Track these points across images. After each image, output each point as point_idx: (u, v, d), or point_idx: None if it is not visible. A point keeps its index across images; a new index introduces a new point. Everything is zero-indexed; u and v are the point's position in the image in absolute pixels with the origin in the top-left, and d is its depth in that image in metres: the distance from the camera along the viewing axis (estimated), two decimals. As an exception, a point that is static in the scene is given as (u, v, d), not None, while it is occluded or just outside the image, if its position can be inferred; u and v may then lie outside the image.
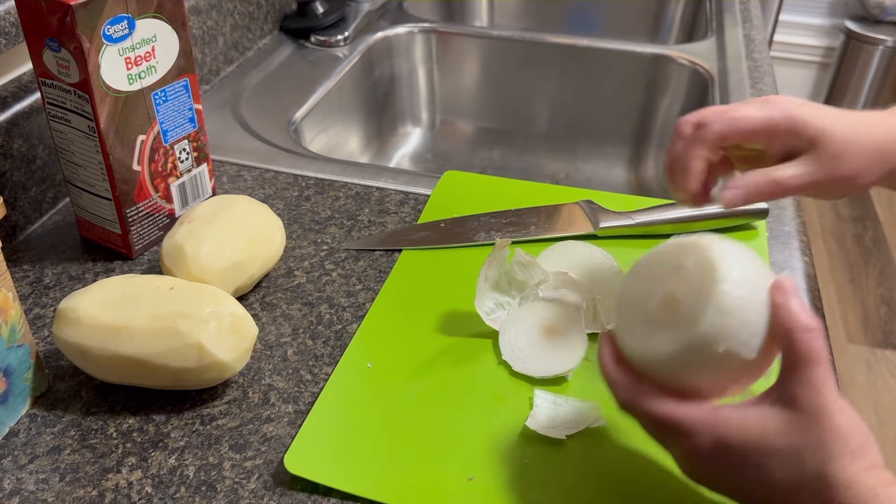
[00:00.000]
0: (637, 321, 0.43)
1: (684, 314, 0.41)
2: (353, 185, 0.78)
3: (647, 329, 0.43)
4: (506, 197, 0.75)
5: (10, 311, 0.51)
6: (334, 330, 0.60)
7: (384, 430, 0.51)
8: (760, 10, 1.22)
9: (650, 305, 0.43)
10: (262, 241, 0.62)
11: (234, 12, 0.98)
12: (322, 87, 0.99)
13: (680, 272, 0.42)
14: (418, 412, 0.53)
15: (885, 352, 1.94)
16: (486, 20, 1.45)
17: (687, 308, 0.40)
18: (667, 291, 0.42)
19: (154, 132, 0.66)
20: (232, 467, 0.50)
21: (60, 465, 0.50)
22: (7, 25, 0.66)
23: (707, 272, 0.40)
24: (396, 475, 0.48)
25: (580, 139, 1.19)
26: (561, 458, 0.50)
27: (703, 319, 0.39)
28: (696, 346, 0.40)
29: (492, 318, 0.59)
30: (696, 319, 0.40)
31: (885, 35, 2.56)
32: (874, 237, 2.35)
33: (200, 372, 0.51)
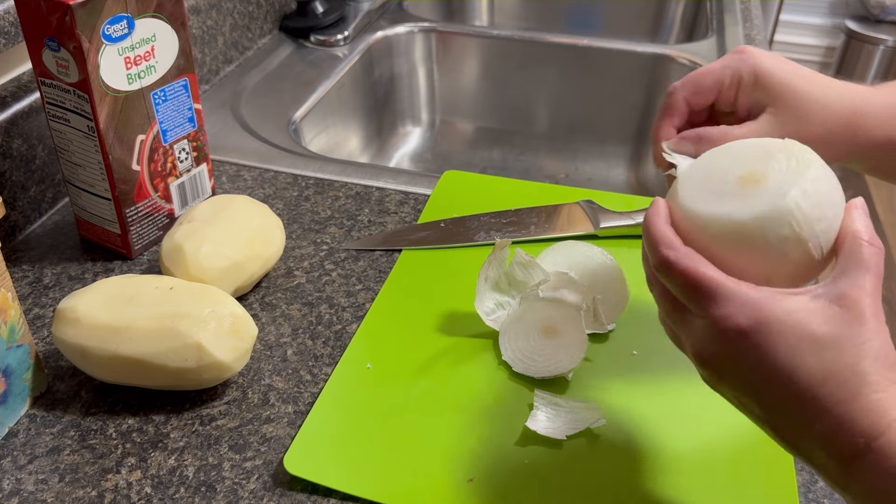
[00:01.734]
0: (708, 190, 0.42)
1: (768, 188, 0.40)
2: (353, 185, 0.78)
3: (718, 197, 0.41)
4: (506, 197, 0.75)
5: (9, 312, 0.50)
6: (334, 330, 0.60)
7: (384, 430, 0.51)
8: (761, 10, 1.22)
9: (728, 178, 0.41)
10: (262, 241, 0.62)
11: (233, 12, 0.98)
12: (322, 87, 0.99)
13: (768, 159, 0.41)
14: (418, 413, 0.53)
15: (886, 352, 1.94)
16: (486, 20, 1.45)
17: (772, 184, 0.40)
18: (751, 169, 0.41)
19: (153, 132, 0.66)
20: (231, 468, 0.50)
21: (60, 466, 0.50)
22: (6, 25, 0.66)
23: (799, 164, 0.40)
24: (396, 476, 0.48)
25: (580, 139, 1.19)
26: (561, 459, 0.49)
27: (789, 194, 0.39)
28: (772, 220, 0.39)
29: (492, 318, 0.59)
30: (782, 193, 0.39)
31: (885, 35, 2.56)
32: (874, 237, 2.34)
33: (200, 372, 0.51)
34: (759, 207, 0.39)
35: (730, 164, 0.42)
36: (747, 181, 0.41)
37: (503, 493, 0.47)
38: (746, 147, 0.42)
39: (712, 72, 0.48)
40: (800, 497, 0.47)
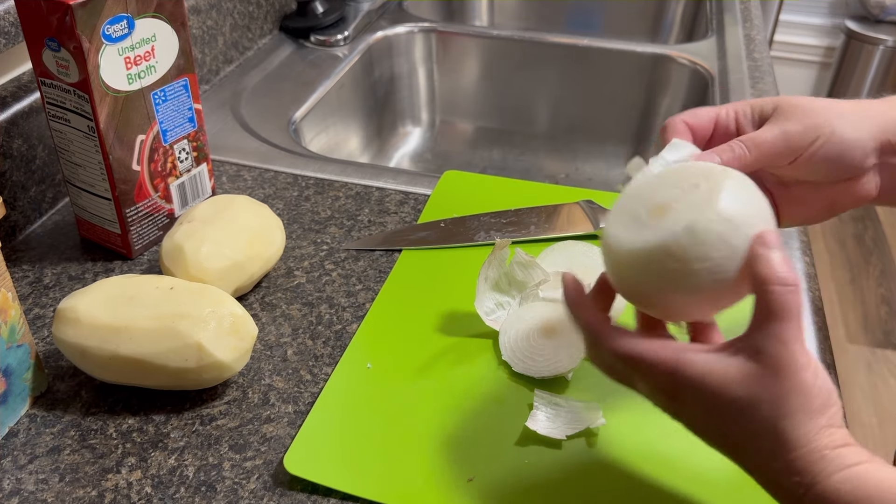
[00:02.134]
0: (628, 215, 0.43)
1: (670, 217, 0.40)
2: (353, 185, 0.78)
3: (631, 224, 0.42)
4: (506, 197, 0.75)
5: (9, 312, 0.50)
6: (334, 330, 0.60)
7: (384, 430, 0.51)
8: (761, 10, 1.22)
9: (644, 206, 0.42)
10: (262, 241, 0.62)
11: (233, 12, 0.98)
12: (322, 87, 0.99)
13: (688, 186, 0.41)
14: (418, 412, 0.53)
15: (886, 352, 1.94)
16: (486, 20, 1.45)
17: (675, 213, 0.40)
18: (665, 198, 0.42)
19: (154, 132, 0.66)
20: (232, 467, 0.50)
21: (60, 466, 0.50)
22: (7, 25, 0.66)
23: (711, 193, 0.40)
24: (396, 475, 0.48)
25: (580, 139, 1.19)
26: (561, 459, 0.49)
27: (682, 224, 0.39)
28: (668, 248, 0.40)
29: (492, 318, 0.59)
30: (677, 222, 0.40)
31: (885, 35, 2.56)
32: (875, 237, 2.35)
33: (200, 372, 0.51)
34: (657, 237, 0.40)
35: (654, 191, 0.42)
36: (658, 209, 0.41)
37: (503, 493, 0.47)
38: (687, 171, 0.42)
39: (705, 108, 0.49)
40: (800, 497, 0.47)
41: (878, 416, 1.78)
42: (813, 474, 0.36)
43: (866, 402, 1.81)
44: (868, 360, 1.93)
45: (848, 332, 2.01)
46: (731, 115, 0.49)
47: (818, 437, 0.37)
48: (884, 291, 2.14)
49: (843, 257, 2.27)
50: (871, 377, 1.88)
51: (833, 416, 0.38)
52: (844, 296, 2.13)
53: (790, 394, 0.37)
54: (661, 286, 0.41)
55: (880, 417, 1.77)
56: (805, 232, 0.71)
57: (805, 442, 0.37)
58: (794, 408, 0.37)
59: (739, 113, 0.48)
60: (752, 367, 0.38)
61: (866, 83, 2.64)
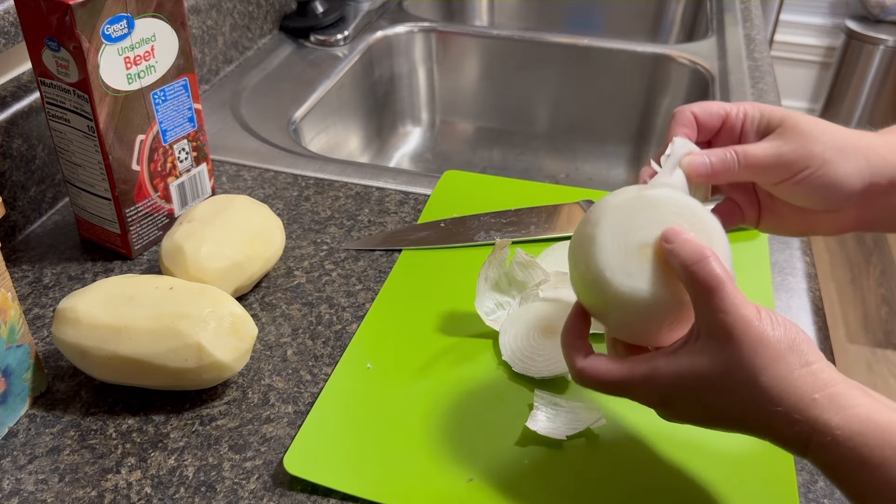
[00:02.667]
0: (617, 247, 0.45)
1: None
2: (353, 185, 0.78)
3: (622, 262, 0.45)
4: (506, 197, 0.75)
5: (9, 312, 0.50)
6: (334, 330, 0.60)
7: (384, 430, 0.51)
8: (761, 10, 1.22)
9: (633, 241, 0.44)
10: (262, 241, 0.62)
11: (233, 12, 0.98)
12: (322, 87, 0.99)
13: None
14: (418, 413, 0.53)
15: (886, 352, 1.94)
16: (486, 20, 1.45)
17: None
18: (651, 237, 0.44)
19: (153, 132, 0.66)
20: (231, 468, 0.50)
21: (60, 466, 0.50)
22: (6, 25, 0.66)
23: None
24: (396, 476, 0.48)
25: (580, 139, 1.19)
26: (561, 459, 0.49)
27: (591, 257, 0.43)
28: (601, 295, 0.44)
29: (492, 318, 0.59)
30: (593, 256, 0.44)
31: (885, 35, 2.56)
32: (875, 237, 2.35)
33: (200, 372, 0.51)
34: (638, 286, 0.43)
35: (644, 222, 0.44)
36: (644, 250, 0.43)
37: (503, 493, 0.47)
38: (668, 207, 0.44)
39: (717, 102, 0.50)
40: (800, 497, 0.47)
41: (878, 416, 1.77)
42: (811, 422, 0.37)
43: (866, 402, 1.81)
44: (868, 360, 1.93)
45: (848, 332, 2.01)
46: (740, 117, 0.49)
47: (799, 380, 0.38)
48: (884, 291, 2.14)
49: (843, 257, 2.27)
50: (871, 377, 1.87)
51: (804, 353, 0.38)
52: (844, 296, 2.13)
53: (753, 350, 0.38)
54: (625, 316, 0.44)
55: (880, 417, 1.77)
56: (805, 232, 0.70)
57: (788, 390, 0.38)
58: (763, 362, 0.38)
59: (748, 116, 0.49)
60: (710, 344, 0.40)
61: (866, 83, 2.64)
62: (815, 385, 0.38)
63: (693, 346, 0.41)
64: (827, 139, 0.46)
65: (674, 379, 0.41)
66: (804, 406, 0.37)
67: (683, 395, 0.41)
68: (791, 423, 0.38)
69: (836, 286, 2.16)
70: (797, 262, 0.66)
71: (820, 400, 0.37)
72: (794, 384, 0.38)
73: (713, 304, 0.39)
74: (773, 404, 0.38)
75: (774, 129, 0.47)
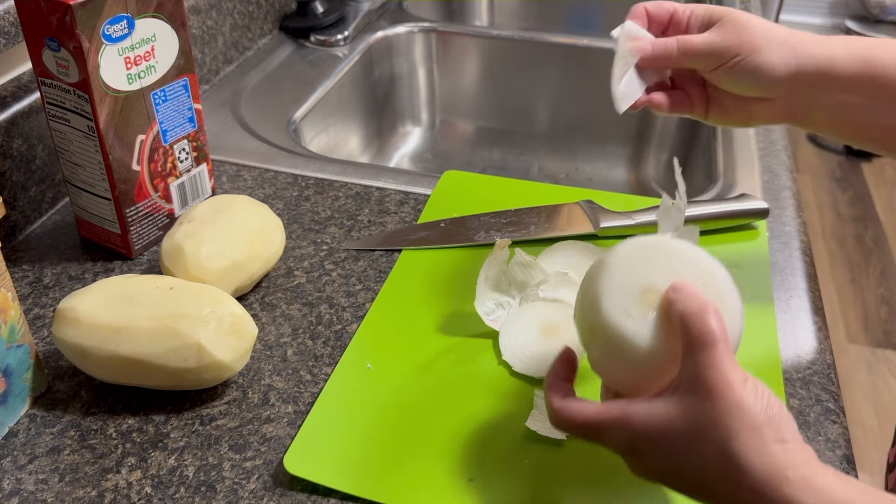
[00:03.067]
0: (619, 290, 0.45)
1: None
2: (353, 185, 0.78)
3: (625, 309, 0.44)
4: (506, 197, 0.75)
5: (9, 311, 0.50)
6: (334, 330, 0.60)
7: (384, 430, 0.51)
8: (761, 10, 1.22)
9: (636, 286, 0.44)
10: (262, 241, 0.62)
11: (233, 12, 0.98)
12: (322, 87, 0.99)
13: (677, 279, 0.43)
14: (418, 413, 0.53)
15: (886, 352, 1.94)
16: (486, 20, 1.45)
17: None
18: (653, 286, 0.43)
19: (153, 132, 0.66)
20: (231, 468, 0.50)
21: (60, 466, 0.50)
22: (7, 25, 0.66)
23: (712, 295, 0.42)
24: (396, 476, 0.48)
25: (580, 139, 1.19)
26: (561, 459, 0.49)
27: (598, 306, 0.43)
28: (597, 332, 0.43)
29: (492, 318, 0.59)
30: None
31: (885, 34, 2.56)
32: (875, 237, 2.35)
33: (200, 372, 0.51)
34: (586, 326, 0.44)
35: (657, 269, 0.43)
36: (645, 298, 0.43)
37: (503, 493, 0.47)
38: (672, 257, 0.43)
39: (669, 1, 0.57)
40: (800, 497, 0.47)
41: (878, 416, 1.78)
42: (781, 501, 0.35)
43: (866, 402, 1.81)
44: (868, 360, 1.93)
45: (848, 332, 2.01)
46: (686, 13, 0.56)
47: (773, 455, 0.36)
48: (884, 291, 2.14)
49: (843, 257, 2.27)
50: (871, 377, 1.87)
51: (782, 430, 0.37)
52: (845, 296, 2.13)
53: (729, 413, 0.37)
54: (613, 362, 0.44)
55: (880, 417, 1.77)
56: (805, 232, 0.71)
57: (759, 462, 0.36)
58: (737, 427, 0.36)
59: (694, 13, 0.56)
60: (689, 399, 0.38)
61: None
62: (789, 463, 0.36)
63: (671, 398, 0.39)
64: (758, 30, 0.52)
65: (645, 425, 0.39)
66: (776, 483, 0.36)
67: (652, 444, 0.39)
68: (760, 500, 0.36)
69: (836, 286, 2.16)
70: (797, 262, 0.66)
71: (793, 479, 0.35)
72: (768, 457, 0.36)
73: (701, 358, 0.38)
74: (742, 473, 0.36)
75: (714, 24, 0.54)
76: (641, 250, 0.44)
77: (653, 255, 0.43)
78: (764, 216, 0.69)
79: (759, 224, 0.70)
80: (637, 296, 0.42)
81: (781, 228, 0.70)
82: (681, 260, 0.43)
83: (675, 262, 0.43)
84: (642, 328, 0.42)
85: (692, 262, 0.43)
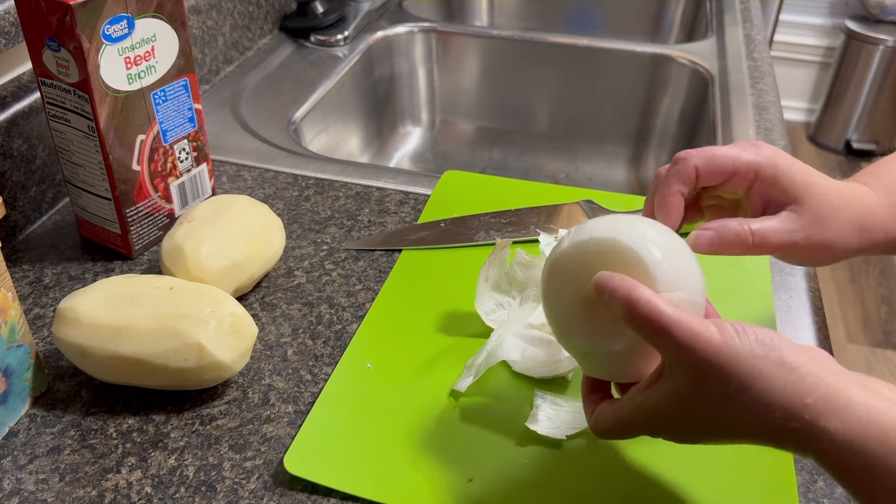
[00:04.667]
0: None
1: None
2: (353, 185, 0.78)
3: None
4: (506, 197, 0.75)
5: (9, 311, 0.50)
6: (334, 330, 0.60)
7: (384, 430, 0.51)
8: (761, 10, 1.22)
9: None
10: (262, 241, 0.62)
11: (233, 12, 0.98)
12: (322, 87, 0.99)
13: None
14: (418, 413, 0.53)
15: (886, 352, 1.94)
16: (486, 20, 1.45)
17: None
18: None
19: (154, 132, 0.66)
20: (232, 467, 0.50)
21: (60, 466, 0.50)
22: (7, 25, 0.66)
23: None
24: (396, 476, 0.48)
25: (580, 139, 1.19)
26: (561, 459, 0.49)
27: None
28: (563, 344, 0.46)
29: (492, 318, 0.59)
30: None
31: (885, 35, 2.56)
32: (874, 237, 2.34)
33: (200, 372, 0.51)
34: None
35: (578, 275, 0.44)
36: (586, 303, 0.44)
37: (503, 493, 0.47)
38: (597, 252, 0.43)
39: (728, 155, 0.46)
40: (799, 497, 0.47)
41: (878, 416, 1.77)
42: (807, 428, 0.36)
43: (866, 402, 1.81)
44: (868, 360, 1.93)
45: (848, 332, 2.01)
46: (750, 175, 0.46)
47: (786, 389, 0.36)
48: (884, 291, 2.14)
49: (843, 257, 2.27)
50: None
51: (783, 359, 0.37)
52: (844, 296, 2.13)
53: (725, 377, 0.37)
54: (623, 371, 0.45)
55: (880, 417, 1.77)
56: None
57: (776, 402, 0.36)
58: (740, 384, 0.37)
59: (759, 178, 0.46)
60: (684, 379, 0.39)
61: (866, 83, 2.64)
62: (805, 390, 0.36)
63: (667, 380, 0.40)
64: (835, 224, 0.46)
65: (659, 410, 0.40)
66: (797, 413, 0.36)
67: (676, 421, 0.41)
68: (789, 432, 0.37)
69: (835, 286, 2.16)
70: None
71: (812, 404, 0.36)
72: (781, 395, 0.36)
73: (666, 343, 0.38)
74: (764, 416, 0.37)
75: (788, 203, 0.46)
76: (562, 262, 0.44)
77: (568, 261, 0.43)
78: (764, 216, 0.69)
79: (758, 224, 0.70)
80: (580, 309, 0.43)
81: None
82: (597, 254, 0.42)
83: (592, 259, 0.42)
84: (599, 338, 0.43)
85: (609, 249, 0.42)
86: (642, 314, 0.39)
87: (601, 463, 0.49)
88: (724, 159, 0.46)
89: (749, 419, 0.38)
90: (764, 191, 0.47)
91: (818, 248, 0.47)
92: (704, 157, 0.46)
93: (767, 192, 0.47)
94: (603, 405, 0.45)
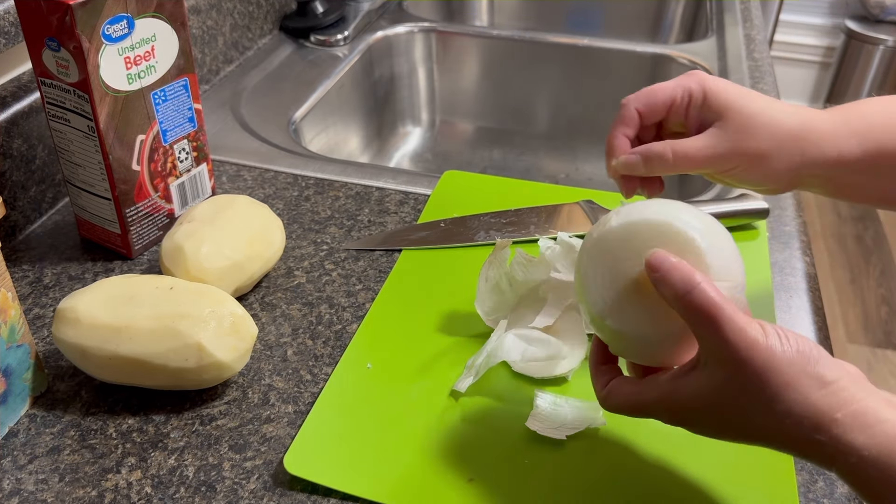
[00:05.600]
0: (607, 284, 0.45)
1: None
2: (353, 185, 0.78)
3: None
4: (506, 197, 0.75)
5: (9, 311, 0.50)
6: (334, 330, 0.60)
7: (384, 430, 0.51)
8: (761, 10, 1.22)
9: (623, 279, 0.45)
10: (262, 241, 0.62)
11: (233, 12, 0.98)
12: (322, 87, 0.99)
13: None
14: (418, 412, 0.53)
15: (886, 352, 1.94)
16: (486, 20, 1.45)
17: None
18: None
19: (153, 132, 0.66)
20: (231, 468, 0.50)
21: (60, 466, 0.50)
22: (7, 25, 0.66)
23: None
24: (396, 476, 0.48)
25: (580, 139, 1.19)
26: (561, 459, 0.49)
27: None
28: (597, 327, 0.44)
29: (492, 318, 0.59)
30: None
31: (885, 35, 2.56)
32: (875, 237, 2.35)
33: (200, 372, 0.51)
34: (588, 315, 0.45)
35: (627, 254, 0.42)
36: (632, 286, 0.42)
37: (503, 493, 0.47)
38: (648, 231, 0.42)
39: (664, 88, 0.50)
40: (800, 497, 0.47)
41: (878, 416, 1.77)
42: (834, 442, 0.36)
43: (866, 402, 1.81)
44: (868, 359, 1.93)
45: (848, 332, 2.01)
46: (685, 100, 0.50)
47: (818, 403, 0.36)
48: (884, 291, 2.14)
49: (843, 257, 2.27)
50: (871, 377, 1.86)
51: (820, 370, 0.37)
52: (844, 296, 2.13)
53: (763, 378, 0.37)
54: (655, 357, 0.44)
55: (880, 417, 1.77)
56: (805, 232, 0.71)
57: (807, 413, 0.36)
58: (775, 389, 0.37)
59: (693, 99, 0.50)
60: (720, 373, 0.38)
61: (866, 83, 2.64)
62: (837, 404, 0.36)
63: (702, 373, 0.39)
64: (764, 133, 0.48)
65: (687, 401, 0.40)
66: (826, 426, 0.36)
67: (701, 415, 0.40)
68: (814, 444, 0.36)
69: (835, 286, 2.16)
70: (797, 262, 0.66)
71: (842, 419, 0.36)
72: (813, 407, 0.36)
73: (713, 334, 0.38)
74: (793, 426, 0.37)
75: (715, 120, 0.49)
76: (607, 240, 0.43)
77: (617, 240, 0.42)
78: (764, 216, 0.69)
79: (759, 224, 0.70)
80: (624, 292, 0.42)
81: (781, 228, 0.70)
82: (648, 233, 0.42)
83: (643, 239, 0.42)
84: (641, 324, 0.42)
85: (659, 230, 0.42)
86: (696, 301, 0.38)
87: (601, 463, 0.49)
88: (660, 93, 0.50)
89: (777, 426, 0.37)
90: (697, 114, 0.50)
91: (748, 159, 0.48)
92: (643, 96, 0.51)
93: (700, 115, 0.49)
94: (619, 381, 0.44)
